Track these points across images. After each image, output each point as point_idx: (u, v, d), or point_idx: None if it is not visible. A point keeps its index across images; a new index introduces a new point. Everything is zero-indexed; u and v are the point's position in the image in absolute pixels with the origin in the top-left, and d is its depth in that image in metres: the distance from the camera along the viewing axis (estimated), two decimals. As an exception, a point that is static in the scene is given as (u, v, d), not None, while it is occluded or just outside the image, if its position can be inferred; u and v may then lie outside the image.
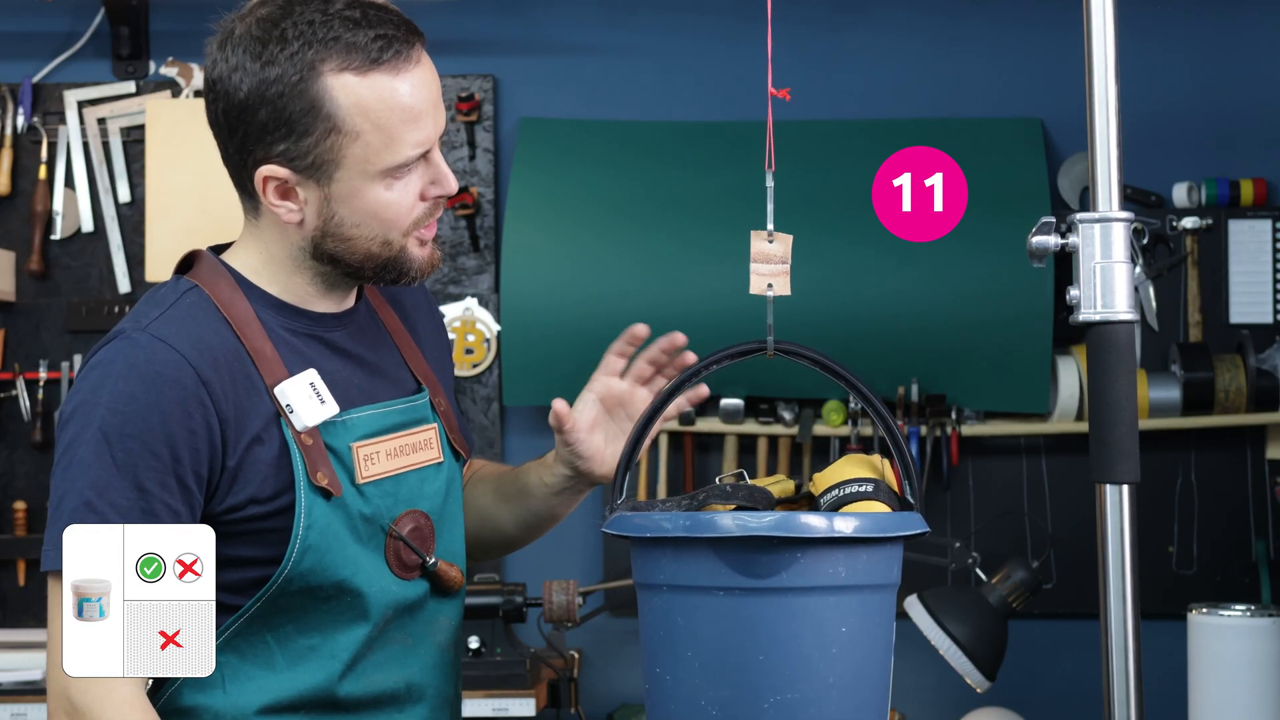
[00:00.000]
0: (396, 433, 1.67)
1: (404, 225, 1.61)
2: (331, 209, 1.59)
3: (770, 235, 1.53)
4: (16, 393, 3.64)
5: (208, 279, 1.63)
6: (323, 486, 1.57)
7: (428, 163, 1.61)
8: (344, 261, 1.63)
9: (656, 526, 1.43)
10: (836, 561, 1.42)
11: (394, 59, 1.56)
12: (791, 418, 3.53)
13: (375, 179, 1.58)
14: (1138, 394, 1.82)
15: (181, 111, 3.55)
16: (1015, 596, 2.81)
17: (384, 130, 1.56)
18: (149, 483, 1.50)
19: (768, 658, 1.41)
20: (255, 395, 1.57)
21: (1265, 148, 3.65)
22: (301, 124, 1.55)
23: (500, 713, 3.16)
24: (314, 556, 1.58)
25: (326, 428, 1.60)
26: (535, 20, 3.73)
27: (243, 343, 1.59)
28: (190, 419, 1.52)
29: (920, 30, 3.71)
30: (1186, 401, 3.44)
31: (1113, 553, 1.48)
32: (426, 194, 1.63)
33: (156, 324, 1.56)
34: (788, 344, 1.53)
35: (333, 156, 1.56)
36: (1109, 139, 1.48)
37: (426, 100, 1.58)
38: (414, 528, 1.66)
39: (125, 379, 1.52)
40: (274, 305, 1.64)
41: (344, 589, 1.60)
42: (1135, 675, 1.47)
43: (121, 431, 1.50)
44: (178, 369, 1.53)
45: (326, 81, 1.54)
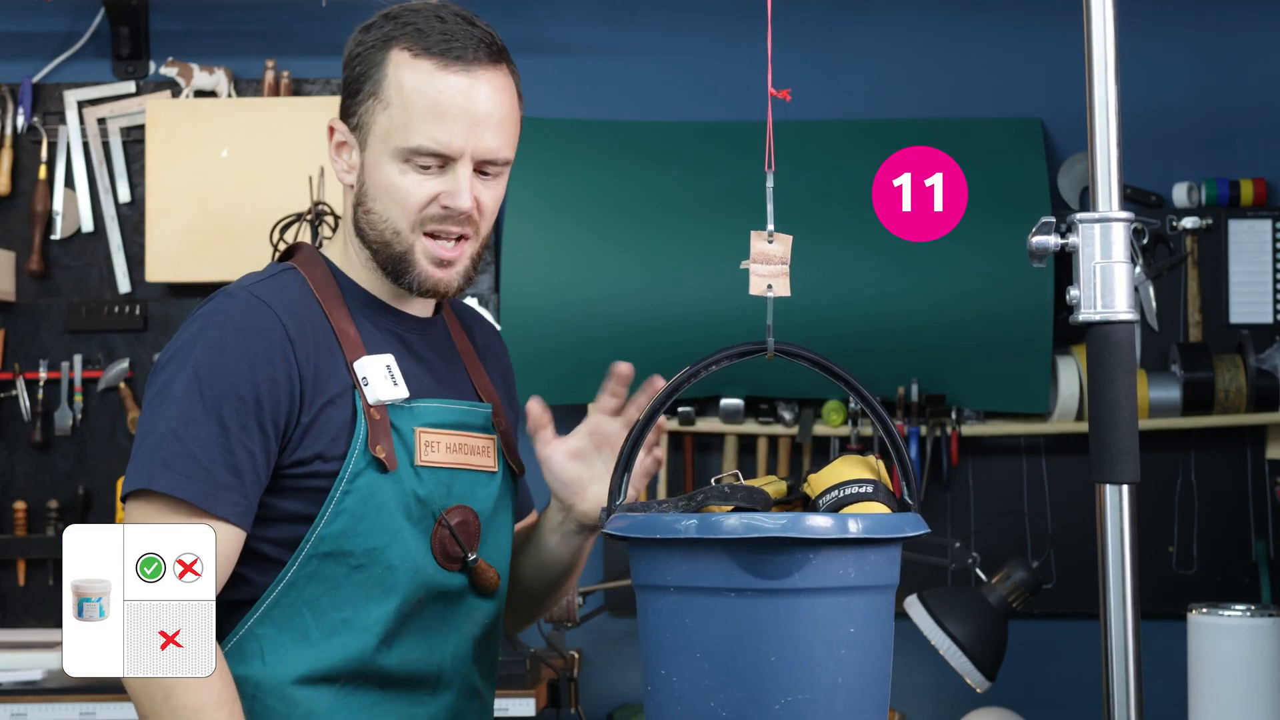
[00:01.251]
0: (459, 431, 1.75)
1: (411, 215, 1.69)
2: (364, 176, 1.71)
3: (770, 235, 1.53)
4: (16, 393, 3.64)
5: (305, 264, 1.75)
6: (379, 458, 1.65)
7: (450, 174, 1.68)
8: (368, 239, 1.72)
9: (668, 528, 1.42)
10: (847, 562, 1.42)
11: (446, 57, 1.67)
12: (791, 418, 3.53)
13: (392, 156, 1.68)
14: (1138, 394, 1.82)
15: (181, 111, 3.55)
16: (1015, 596, 2.81)
17: (407, 109, 1.67)
18: (230, 421, 1.60)
19: (779, 659, 1.40)
20: (335, 365, 1.67)
21: (1265, 148, 3.65)
22: (358, 84, 1.71)
23: (500, 713, 3.16)
24: (346, 520, 1.64)
25: (395, 410, 1.69)
26: (535, 20, 3.73)
27: (329, 320, 1.70)
28: (275, 369, 1.62)
29: (920, 30, 3.71)
30: (1186, 401, 3.44)
31: (1113, 553, 1.48)
32: (440, 200, 1.69)
33: (256, 286, 1.69)
34: (788, 345, 1.53)
35: (369, 120, 1.69)
36: (1109, 139, 1.48)
37: (463, 108, 1.67)
38: (462, 521, 1.72)
39: (221, 328, 1.64)
40: (361, 298, 1.75)
41: (375, 559, 1.65)
42: (1135, 675, 1.47)
43: (212, 372, 1.61)
44: (268, 323, 1.64)
45: (390, 53, 1.69)
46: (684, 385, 1.54)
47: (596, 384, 1.82)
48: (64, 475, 3.66)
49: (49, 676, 3.21)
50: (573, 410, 3.57)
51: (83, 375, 3.65)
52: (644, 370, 1.80)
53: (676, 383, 1.55)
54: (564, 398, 3.50)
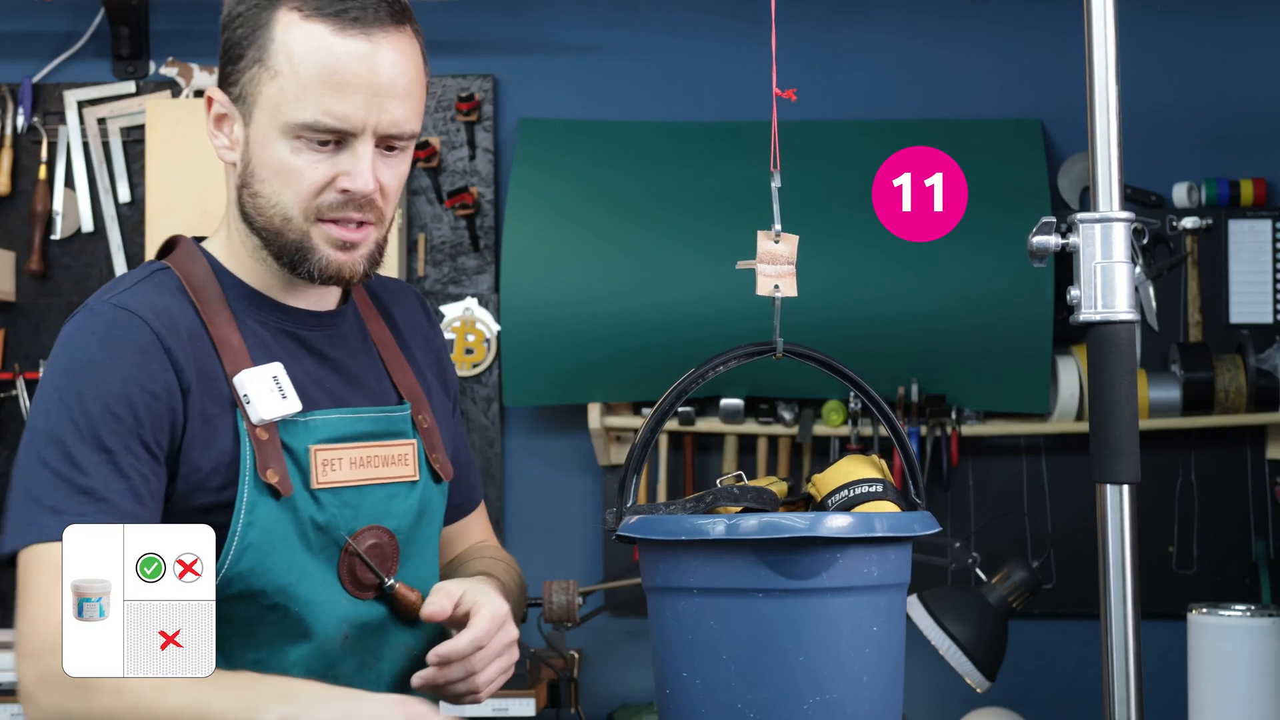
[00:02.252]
0: (365, 442, 1.58)
1: (304, 201, 1.52)
2: (249, 154, 1.54)
3: (777, 235, 1.53)
4: (16, 393, 3.64)
5: (181, 262, 1.58)
6: (271, 484, 1.50)
7: (348, 151, 1.51)
8: (256, 226, 1.55)
9: (696, 529, 1.42)
10: (870, 561, 1.44)
11: (343, 19, 1.49)
12: (792, 418, 3.53)
13: (282, 133, 1.51)
14: (1138, 394, 1.82)
15: (181, 111, 3.55)
16: (1015, 596, 2.81)
17: (299, 79, 1.49)
18: (112, 442, 1.44)
19: (807, 659, 1.41)
20: (214, 380, 1.51)
21: (1265, 148, 3.65)
22: (239, 49, 1.53)
23: (500, 713, 3.16)
24: (254, 557, 1.50)
25: (286, 426, 1.53)
26: (535, 20, 3.73)
27: (207, 328, 1.53)
28: (152, 380, 1.46)
29: (920, 31, 3.71)
30: (1186, 401, 3.44)
31: (1113, 553, 1.48)
32: (337, 183, 1.52)
33: (119, 295, 1.52)
34: (797, 346, 1.53)
35: (253, 90, 1.52)
36: (1109, 139, 1.48)
37: (363, 79, 1.49)
38: (374, 544, 1.57)
39: (84, 346, 1.47)
40: (248, 296, 1.58)
41: (287, 597, 1.52)
42: (1135, 675, 1.47)
43: (79, 394, 1.45)
44: (138, 332, 1.47)
45: (275, 14, 1.51)
46: (693, 386, 1.54)
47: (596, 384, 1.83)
48: (64, 475, 3.66)
49: (49, 676, 3.21)
50: (572, 411, 3.59)
51: (83, 375, 3.65)
52: (647, 368, 1.80)
53: (685, 383, 1.54)
54: (564, 398, 3.51)
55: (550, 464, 3.66)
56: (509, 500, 3.68)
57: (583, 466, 3.67)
